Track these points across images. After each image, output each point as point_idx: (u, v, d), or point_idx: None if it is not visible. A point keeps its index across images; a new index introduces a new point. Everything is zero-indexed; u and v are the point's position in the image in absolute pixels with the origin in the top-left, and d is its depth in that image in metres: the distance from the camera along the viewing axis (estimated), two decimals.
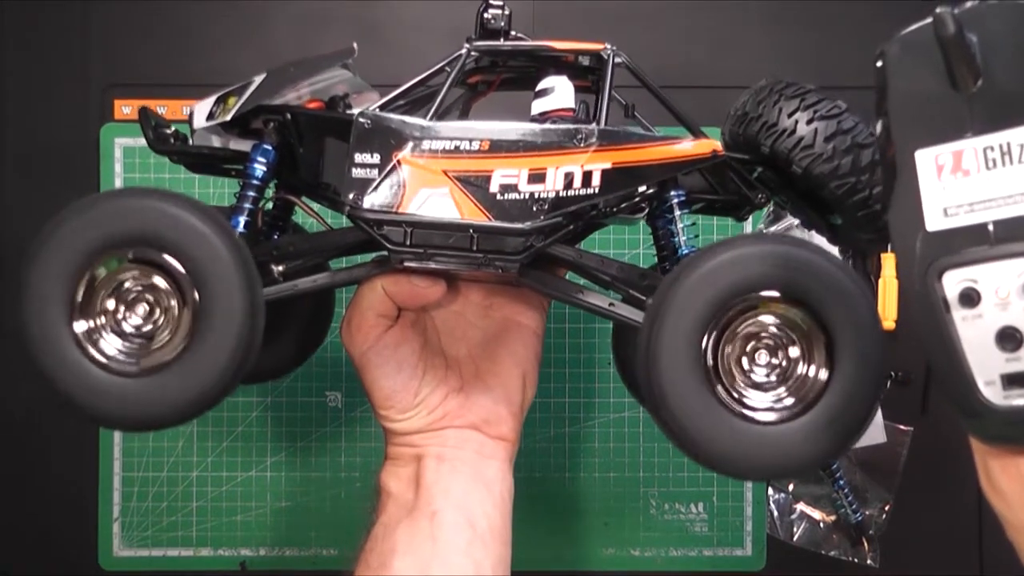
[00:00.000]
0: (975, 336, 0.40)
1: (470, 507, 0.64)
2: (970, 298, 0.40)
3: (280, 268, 0.60)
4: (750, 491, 0.95)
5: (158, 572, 0.94)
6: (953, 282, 0.41)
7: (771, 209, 0.95)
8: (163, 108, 0.92)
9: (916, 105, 0.42)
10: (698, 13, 0.96)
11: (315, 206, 0.63)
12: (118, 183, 0.93)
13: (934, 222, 0.41)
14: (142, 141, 0.61)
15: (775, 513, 0.95)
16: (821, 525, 0.95)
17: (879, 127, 0.43)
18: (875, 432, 0.93)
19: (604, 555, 0.95)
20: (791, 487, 0.96)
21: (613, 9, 0.95)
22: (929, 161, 0.42)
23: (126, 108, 0.93)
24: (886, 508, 0.94)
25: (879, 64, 0.43)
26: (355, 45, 0.61)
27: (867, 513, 0.94)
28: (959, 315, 0.41)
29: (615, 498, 0.95)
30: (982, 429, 0.42)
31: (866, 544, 0.94)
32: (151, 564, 0.93)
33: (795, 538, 0.95)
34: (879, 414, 0.94)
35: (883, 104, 0.43)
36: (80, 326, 0.54)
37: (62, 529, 0.93)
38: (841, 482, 0.93)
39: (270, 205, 0.63)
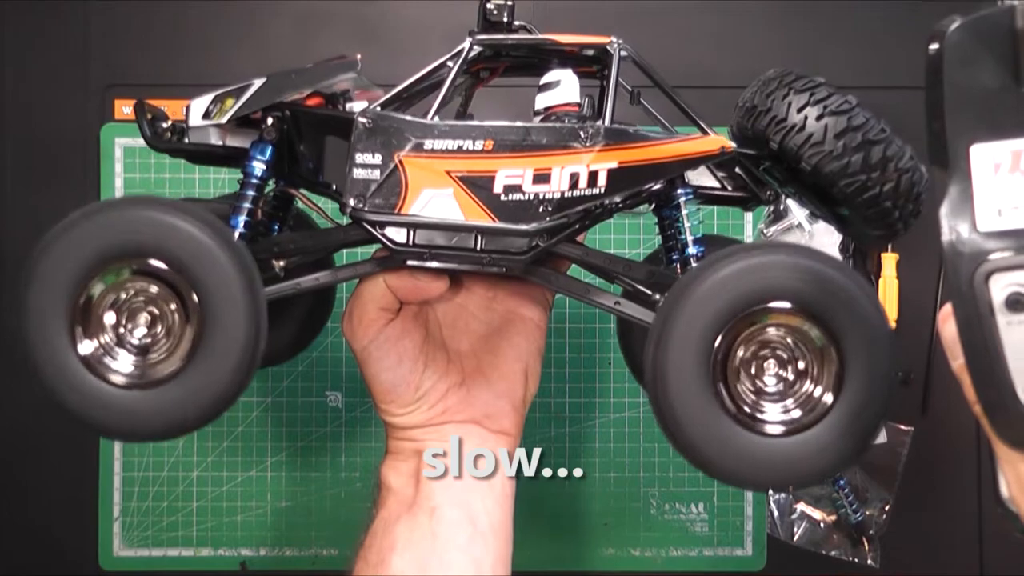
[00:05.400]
0: (1019, 342, 0.39)
1: (471, 503, 0.64)
2: (1018, 304, 0.39)
3: (282, 263, 0.60)
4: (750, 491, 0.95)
5: (158, 572, 0.93)
6: (1001, 285, 0.39)
7: (771, 209, 0.95)
8: (163, 108, 0.92)
9: (974, 96, 0.40)
10: (702, 12, 0.96)
11: (316, 199, 0.63)
12: (118, 183, 0.93)
13: (986, 222, 0.40)
14: (142, 141, 0.61)
15: (775, 513, 0.95)
16: (821, 525, 0.95)
17: (929, 115, 0.41)
18: None
19: (604, 555, 0.95)
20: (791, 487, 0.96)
21: (615, 8, 0.95)
22: (985, 157, 0.40)
23: (126, 108, 0.93)
24: (886, 508, 0.94)
25: (934, 46, 0.41)
26: (359, 56, 0.60)
27: (867, 513, 0.94)
28: (1004, 320, 0.39)
29: (615, 498, 0.95)
30: (1014, 436, 0.41)
31: (866, 544, 0.94)
32: (151, 564, 0.93)
33: (795, 538, 0.95)
34: None
35: (937, 91, 0.41)
36: (84, 343, 0.54)
37: (62, 529, 0.93)
38: (841, 482, 0.93)
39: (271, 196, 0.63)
